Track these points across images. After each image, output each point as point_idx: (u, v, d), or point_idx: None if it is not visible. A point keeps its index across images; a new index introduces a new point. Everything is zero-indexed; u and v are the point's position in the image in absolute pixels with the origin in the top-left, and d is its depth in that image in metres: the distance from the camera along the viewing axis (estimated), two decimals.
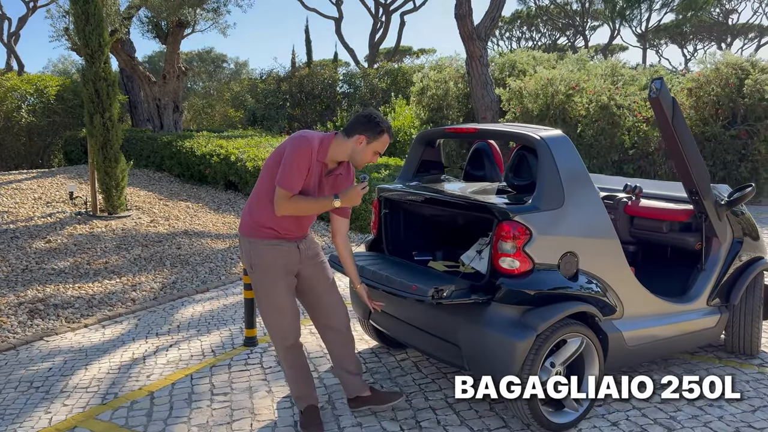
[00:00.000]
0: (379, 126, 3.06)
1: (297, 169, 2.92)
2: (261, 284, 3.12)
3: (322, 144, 3.03)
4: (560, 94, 12.91)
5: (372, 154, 3.09)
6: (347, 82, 21.22)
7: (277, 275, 3.08)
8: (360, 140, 3.04)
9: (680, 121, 3.60)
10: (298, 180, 2.93)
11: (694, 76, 12.71)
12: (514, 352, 3.01)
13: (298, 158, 2.92)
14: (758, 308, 4.07)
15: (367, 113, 3.12)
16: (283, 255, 3.10)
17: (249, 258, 3.12)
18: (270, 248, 3.08)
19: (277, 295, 3.10)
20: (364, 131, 3.04)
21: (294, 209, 2.98)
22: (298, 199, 2.97)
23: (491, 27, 14.59)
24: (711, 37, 48.47)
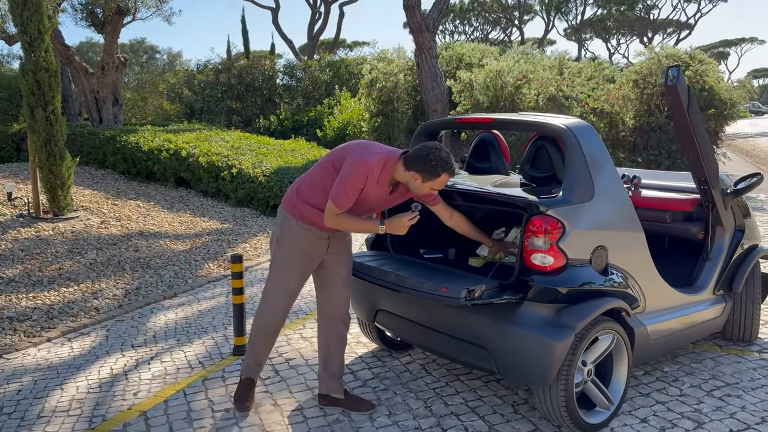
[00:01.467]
0: (436, 170, 2.93)
1: (350, 189, 2.93)
2: (279, 259, 3.18)
3: (385, 167, 2.99)
4: (509, 85, 12.99)
5: (428, 190, 3.02)
6: (288, 74, 20.70)
7: (298, 258, 3.15)
8: (415, 177, 2.97)
9: (695, 111, 3.56)
10: (348, 200, 2.94)
11: (638, 68, 13.07)
12: (553, 353, 2.87)
13: (352, 180, 2.91)
14: (758, 295, 4.12)
15: (426, 151, 2.95)
16: (312, 242, 3.14)
17: (280, 230, 3.17)
18: (301, 231, 3.11)
19: (288, 275, 3.17)
20: (420, 170, 2.95)
21: (340, 225, 3.03)
22: (345, 217, 3.00)
23: (439, 18, 14.53)
24: (633, 32, 50.61)
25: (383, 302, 3.69)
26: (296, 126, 18.15)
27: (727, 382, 3.65)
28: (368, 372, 3.87)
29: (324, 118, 17.26)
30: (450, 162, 2.94)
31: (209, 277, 6.17)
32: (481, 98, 13.00)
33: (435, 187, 2.99)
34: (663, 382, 3.67)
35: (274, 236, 3.21)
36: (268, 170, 8.95)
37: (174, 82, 19.55)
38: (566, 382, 2.93)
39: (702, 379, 3.69)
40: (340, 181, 2.92)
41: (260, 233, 7.84)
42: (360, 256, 3.62)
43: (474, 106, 13.14)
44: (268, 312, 3.25)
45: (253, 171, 8.89)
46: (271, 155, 9.75)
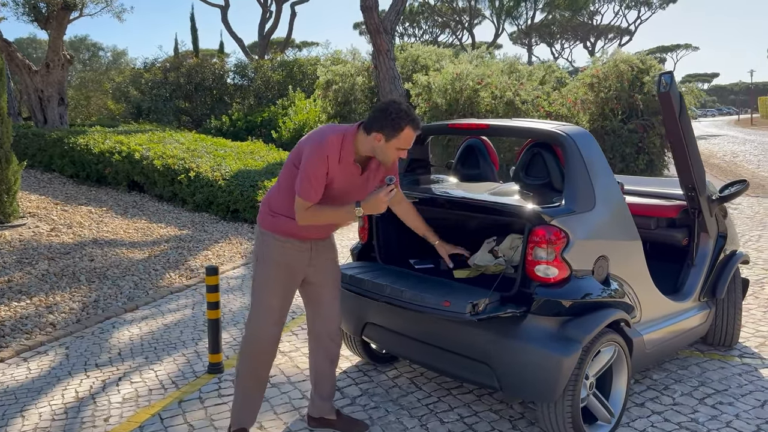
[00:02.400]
0: (397, 122, 2.66)
1: (313, 177, 2.70)
2: (260, 277, 2.93)
3: (344, 143, 2.75)
4: (468, 89, 13.01)
5: (395, 151, 2.74)
6: (240, 73, 20.23)
7: (279, 273, 2.91)
8: (378, 138, 2.70)
9: (686, 118, 3.54)
10: (315, 190, 2.72)
11: (593, 72, 13.30)
12: (560, 368, 2.77)
13: (313, 167, 2.69)
14: (740, 300, 4.15)
15: (383, 106, 2.72)
16: (292, 255, 2.91)
17: (258, 248, 2.95)
18: (279, 244, 2.88)
19: (271, 294, 2.91)
20: (381, 128, 2.69)
21: (314, 219, 2.78)
22: (317, 209, 2.76)
23: (396, 20, 14.44)
24: (576, 37, 51.97)
25: (372, 315, 3.53)
26: (249, 127, 17.72)
27: (717, 389, 3.65)
28: (356, 388, 3.70)
29: (279, 119, 16.91)
30: (412, 114, 2.68)
31: (171, 288, 5.86)
32: (440, 101, 12.97)
33: (401, 145, 2.71)
34: (654, 390, 3.64)
35: (254, 255, 2.99)
36: (228, 173, 8.65)
37: (120, 80, 18.81)
38: (572, 397, 2.85)
39: (692, 387, 3.68)
40: (301, 172, 2.70)
41: (221, 240, 7.54)
42: (349, 267, 3.45)
43: (432, 108, 13.10)
44: (252, 341, 2.93)
45: (212, 174, 8.56)
46: (229, 158, 9.43)
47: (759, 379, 3.76)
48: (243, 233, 7.92)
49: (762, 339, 4.41)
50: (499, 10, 29.82)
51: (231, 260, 6.91)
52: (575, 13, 35.30)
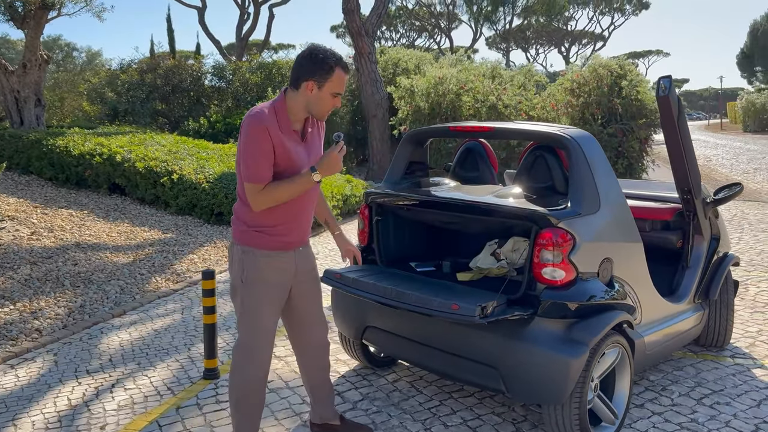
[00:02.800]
0: (326, 63, 2.53)
1: (258, 156, 2.49)
2: (251, 300, 2.69)
3: (278, 111, 2.56)
4: (451, 93, 13.06)
5: (331, 98, 2.60)
6: (218, 75, 20.02)
7: (271, 292, 2.71)
8: (310, 87, 2.55)
9: (684, 121, 3.59)
10: (263, 168, 2.51)
11: (573, 76, 13.45)
12: (569, 370, 2.78)
13: (253, 143, 2.48)
14: (732, 302, 4.21)
15: (306, 53, 2.58)
16: (280, 268, 2.72)
17: (241, 269, 2.68)
18: (266, 260, 2.67)
19: (266, 315, 2.71)
20: (310, 75, 2.54)
21: (271, 199, 2.55)
22: (271, 187, 2.54)
23: (378, 23, 14.46)
24: (551, 42, 52.59)
25: (373, 319, 3.50)
26: (228, 129, 17.52)
27: (713, 389, 3.69)
28: (356, 393, 3.67)
29: None
30: (338, 55, 2.57)
31: (159, 293, 5.76)
32: (423, 104, 13.00)
33: (335, 89, 2.58)
34: (653, 391, 3.67)
35: (236, 278, 2.70)
36: (212, 176, 8.54)
37: (96, 82, 18.47)
38: (580, 399, 2.86)
39: (689, 387, 3.72)
40: (244, 155, 2.51)
41: (207, 243, 7.44)
42: (350, 270, 3.42)
43: (415, 112, 13.13)
44: (254, 366, 2.71)
45: (195, 177, 8.45)
46: (212, 160, 9.32)
47: (752, 379, 3.82)
48: (228, 237, 7.82)
49: (751, 339, 4.49)
50: (478, 14, 30.05)
51: (217, 264, 6.81)
52: (551, 19, 35.80)
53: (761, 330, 4.65)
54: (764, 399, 3.56)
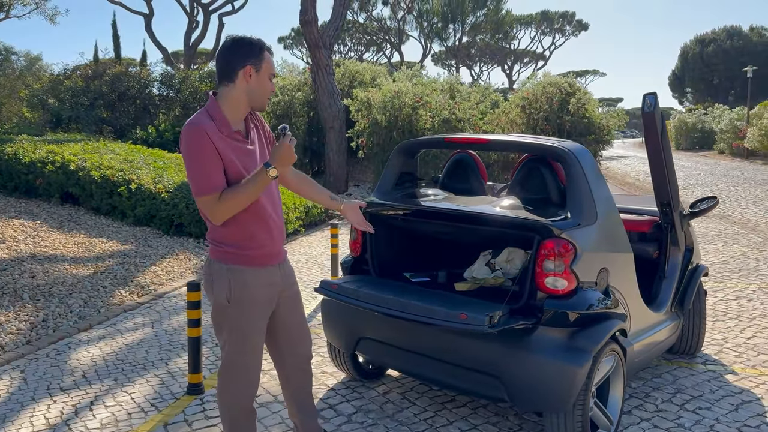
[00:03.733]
0: (256, 45, 2.44)
1: (204, 162, 2.33)
2: (239, 319, 2.52)
3: (213, 114, 2.41)
4: (407, 106, 13.19)
5: (268, 81, 2.48)
6: (166, 83, 19.56)
7: (259, 310, 2.55)
8: (248, 72, 2.42)
9: (666, 137, 3.73)
10: (212, 174, 2.34)
11: (524, 94, 13.83)
12: (574, 378, 2.83)
13: (196, 152, 2.33)
14: (704, 310, 4.38)
15: (229, 42, 2.46)
16: (268, 285, 2.57)
17: (228, 288, 2.49)
18: (255, 278, 2.52)
19: (255, 334, 2.56)
20: (245, 60, 2.41)
21: (233, 206, 2.38)
22: (227, 194, 2.36)
23: (335, 36, 14.47)
24: (494, 60, 53.88)
25: (368, 330, 3.48)
26: (177, 138, 17.13)
27: (692, 395, 3.83)
28: (349, 405, 3.62)
29: None
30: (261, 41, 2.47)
31: (124, 306, 5.54)
32: (380, 117, 13.07)
33: (271, 70, 2.47)
34: (637, 398, 3.78)
35: (221, 297, 2.50)
36: (171, 186, 8.30)
37: (38, 87, 17.72)
38: (583, 407, 2.91)
39: (670, 394, 3.85)
40: (190, 170, 2.37)
41: (168, 255, 7.21)
42: (347, 281, 3.39)
43: (372, 125, 13.18)
44: (245, 385, 2.59)
45: (154, 187, 8.20)
46: (170, 169, 9.07)
47: (727, 384, 3.98)
48: (189, 248, 7.62)
49: (718, 347, 4.68)
50: (429, 31, 30.56)
51: (182, 276, 6.62)
52: (500, 38, 36.80)
53: (726, 337, 4.86)
54: (741, 403, 3.71)
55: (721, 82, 50.56)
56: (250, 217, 2.49)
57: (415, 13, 31.32)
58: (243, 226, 2.49)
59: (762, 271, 6.98)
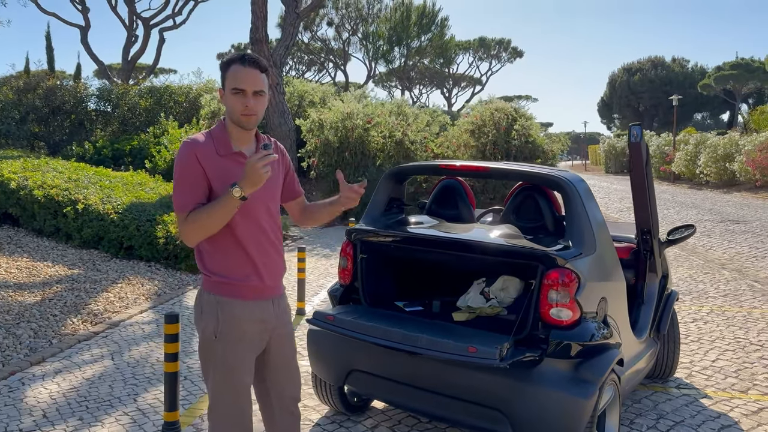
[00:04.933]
0: (225, 62, 2.34)
1: (180, 181, 2.28)
2: (226, 356, 2.36)
3: (215, 134, 2.36)
4: (359, 127, 13.17)
5: (233, 97, 2.29)
6: (105, 98, 18.82)
7: (248, 348, 2.40)
8: (220, 94, 2.36)
9: (650, 166, 3.82)
10: (187, 195, 2.27)
11: (473, 118, 14.06)
12: (582, 410, 2.80)
13: (178, 169, 2.29)
14: (678, 335, 4.48)
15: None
16: (260, 320, 2.41)
17: (216, 322, 2.34)
18: (246, 312, 2.36)
19: (243, 372, 2.39)
20: (221, 79, 2.34)
21: (197, 227, 2.25)
22: (194, 213, 2.25)
23: (286, 55, 14.34)
24: (433, 83, 54.84)
25: (360, 362, 3.35)
26: (116, 155, 16.48)
27: (675, 420, 3.89)
28: None
29: (151, 148, 15.90)
30: (242, 53, 2.38)
31: (78, 336, 5.20)
32: (332, 138, 12.98)
33: (231, 84, 2.29)
34: (623, 425, 3.80)
35: (208, 331, 2.37)
36: (120, 206, 7.92)
37: None
38: None
39: (653, 419, 3.89)
40: (174, 182, 2.31)
41: (120, 280, 6.84)
42: (341, 312, 3.26)
43: (324, 145, 13.07)
44: (238, 428, 2.42)
45: (102, 207, 7.79)
46: (118, 189, 8.66)
47: (704, 409, 4.06)
48: (141, 272, 7.25)
49: (687, 370, 4.79)
50: (374, 53, 30.83)
51: (136, 303, 6.28)
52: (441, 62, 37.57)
53: (692, 360, 4.99)
54: (721, 428, 3.79)
55: (646, 109, 53.25)
56: (229, 247, 2.36)
57: (360, 35, 31.62)
58: (224, 254, 2.36)
59: (710, 293, 7.25)
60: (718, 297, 7.06)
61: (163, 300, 6.48)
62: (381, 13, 31.06)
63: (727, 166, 22.37)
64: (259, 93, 2.33)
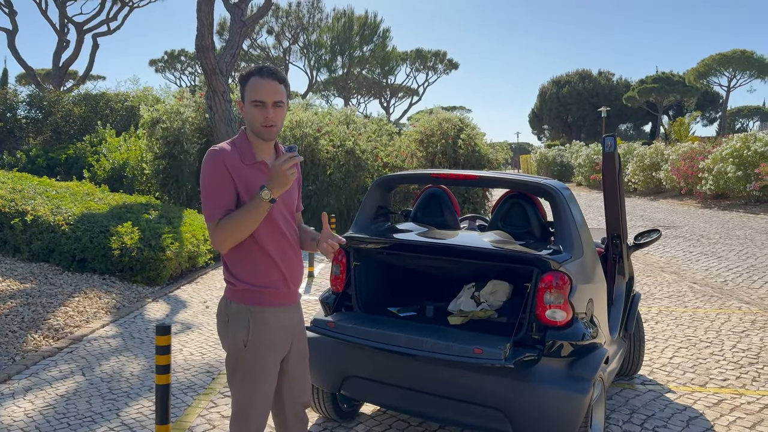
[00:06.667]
0: (244, 75, 2.42)
1: (209, 189, 2.34)
2: (254, 367, 2.41)
3: (238, 143, 2.42)
4: (309, 136, 13.16)
5: (252, 108, 2.36)
6: (35, 105, 18.02)
7: (275, 356, 2.46)
8: (240, 106, 2.43)
9: (621, 175, 4.05)
10: (217, 202, 2.33)
11: (421, 128, 14.30)
12: (580, 407, 2.96)
13: (207, 178, 2.35)
14: (643, 334, 4.75)
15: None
16: (287, 326, 2.48)
17: (246, 331, 2.38)
18: (277, 319, 2.43)
19: (267, 381, 2.44)
20: (241, 95, 2.43)
21: (229, 232, 2.31)
22: (225, 219, 2.32)
23: (231, 63, 14.16)
24: (371, 93, 55.23)
25: (356, 368, 3.41)
26: (51, 164, 15.84)
27: (646, 414, 4.13)
28: None
29: (89, 157, 15.35)
30: (261, 65, 2.43)
31: (42, 352, 5.01)
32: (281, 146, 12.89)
33: (251, 97, 2.35)
34: None
35: (237, 341, 2.40)
36: (71, 217, 7.64)
37: None
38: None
39: (627, 414, 4.12)
40: (202, 192, 2.37)
41: (76, 293, 6.60)
42: (341, 319, 3.31)
43: None
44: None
45: (53, 218, 7.50)
46: (66, 199, 8.35)
47: (671, 403, 4.33)
48: (96, 285, 7.01)
49: (648, 368, 5.08)
50: (316, 62, 30.86)
51: (96, 317, 6.09)
52: (380, 72, 37.96)
53: (651, 358, 5.29)
54: (689, 419, 4.06)
55: (574, 120, 55.39)
56: (256, 254, 2.42)
57: (300, 44, 31.57)
58: (252, 262, 2.41)
59: (656, 295, 7.67)
60: (663, 298, 7.48)
61: (123, 313, 6.30)
62: (322, 22, 31.24)
63: (653, 175, 23.59)
64: (278, 104, 2.39)
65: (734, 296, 7.52)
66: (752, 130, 29.02)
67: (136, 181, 13.91)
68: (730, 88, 46.92)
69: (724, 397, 4.40)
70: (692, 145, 21.58)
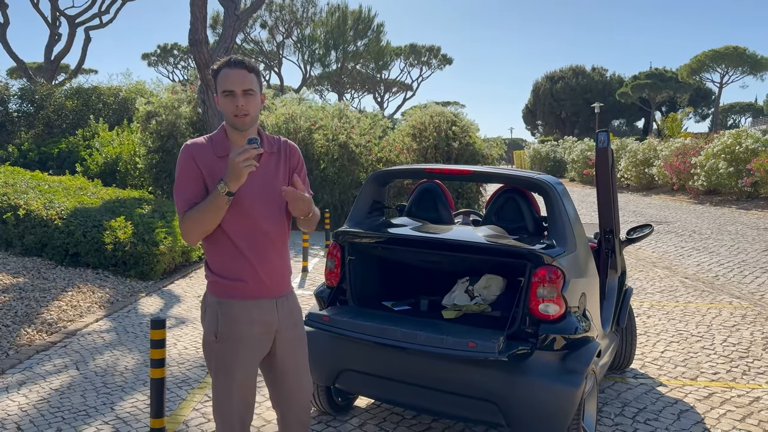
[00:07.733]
0: (217, 70, 2.41)
1: (178, 183, 2.37)
2: (225, 358, 2.42)
3: (215, 137, 2.43)
4: (302, 130, 13.15)
5: (224, 100, 2.36)
6: (27, 99, 17.91)
7: (248, 349, 2.44)
8: (216, 100, 2.44)
9: (614, 171, 4.08)
10: (183, 195, 2.35)
11: (414, 122, 14.31)
12: (572, 400, 2.99)
13: (178, 171, 2.38)
14: (635, 328, 4.79)
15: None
16: (261, 321, 2.44)
17: (216, 323, 2.41)
18: (245, 313, 2.41)
19: (242, 376, 2.44)
20: (215, 87, 2.42)
21: (192, 226, 2.33)
22: (189, 211, 2.33)
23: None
24: (364, 88, 55.14)
25: (351, 362, 3.43)
26: (43, 158, 15.76)
27: (638, 407, 4.17)
28: None
29: (81, 151, 15.29)
30: (233, 57, 2.44)
31: (35, 346, 5.00)
32: None
33: (222, 87, 2.35)
34: None
35: (209, 333, 2.43)
36: (64, 212, 7.62)
37: None
38: (577, 427, 3.07)
39: (618, 407, 4.15)
40: (174, 184, 2.41)
41: (69, 288, 6.59)
42: (336, 313, 3.33)
43: None
44: (237, 424, 2.48)
45: (46, 213, 7.47)
46: (59, 194, 8.32)
47: (662, 396, 4.37)
48: (90, 280, 7.00)
49: (640, 361, 5.12)
50: (310, 56, 30.77)
51: (90, 311, 6.08)
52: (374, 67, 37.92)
53: (643, 352, 5.33)
54: (680, 412, 4.10)
55: (567, 116, 55.51)
56: (226, 247, 2.41)
57: (294, 38, 31.52)
58: (221, 255, 2.42)
59: (648, 290, 7.72)
60: (655, 293, 7.53)
61: (116, 308, 6.29)
62: (316, 17, 31.21)
63: (646, 171, 23.69)
64: (249, 92, 2.36)
65: (725, 291, 7.59)
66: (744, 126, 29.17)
67: (129, 176, 13.86)
68: (723, 84, 47.18)
69: (714, 391, 4.45)
70: (685, 141, 21.68)
